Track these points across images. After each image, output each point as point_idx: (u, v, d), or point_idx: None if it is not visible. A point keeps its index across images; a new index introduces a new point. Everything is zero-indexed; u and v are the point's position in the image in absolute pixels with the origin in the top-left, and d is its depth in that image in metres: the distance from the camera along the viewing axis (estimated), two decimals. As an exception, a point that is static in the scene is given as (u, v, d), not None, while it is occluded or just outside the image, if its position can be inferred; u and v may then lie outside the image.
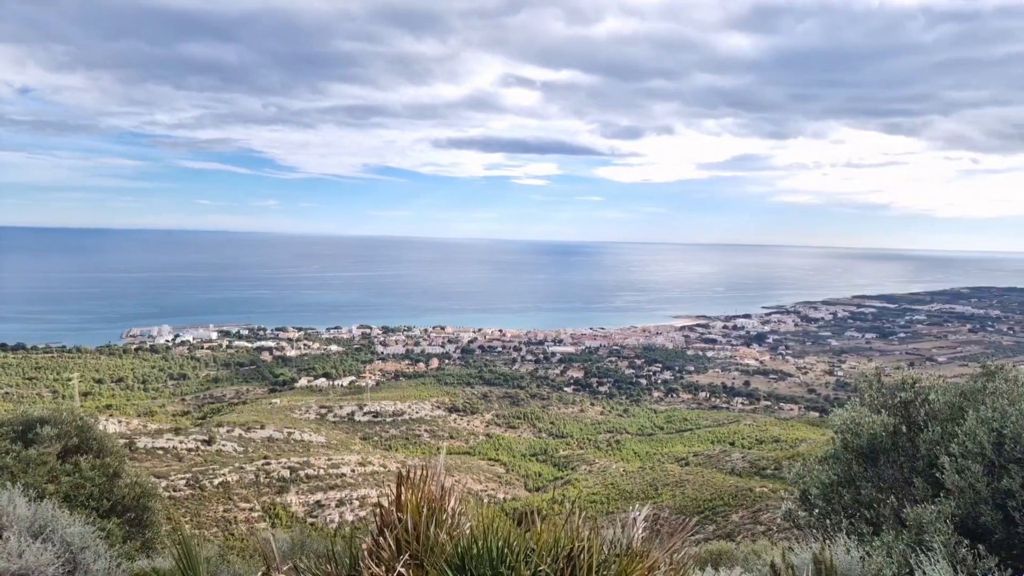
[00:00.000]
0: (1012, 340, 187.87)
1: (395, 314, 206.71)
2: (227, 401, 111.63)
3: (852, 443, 6.71)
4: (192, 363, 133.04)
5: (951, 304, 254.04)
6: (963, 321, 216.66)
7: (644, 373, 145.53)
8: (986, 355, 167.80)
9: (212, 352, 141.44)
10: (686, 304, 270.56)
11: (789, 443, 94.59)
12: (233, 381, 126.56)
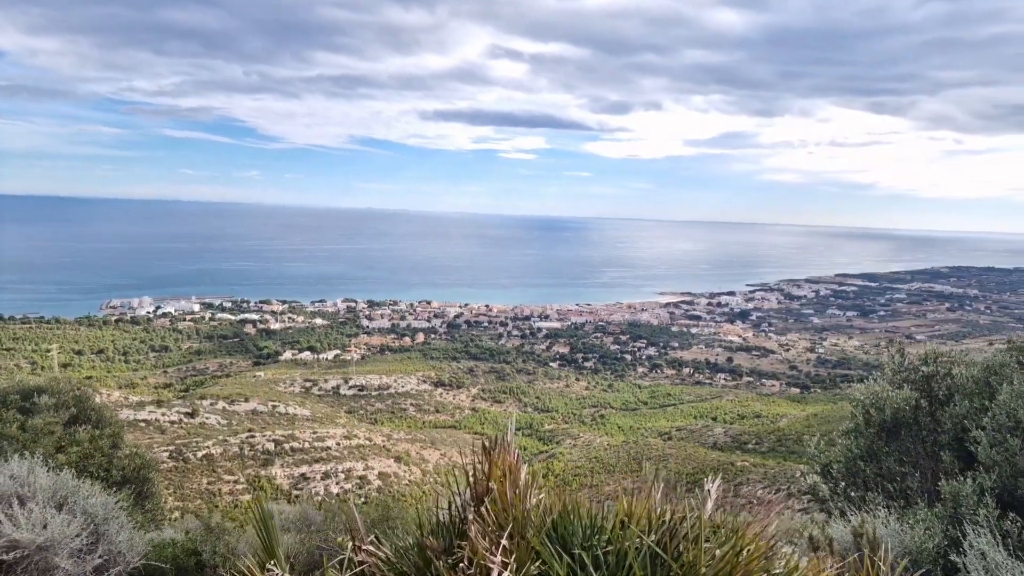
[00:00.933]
0: (989, 319, 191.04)
1: (381, 288, 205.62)
2: (210, 374, 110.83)
3: (875, 417, 6.51)
4: (174, 335, 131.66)
5: (930, 283, 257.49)
6: (942, 300, 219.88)
7: (629, 349, 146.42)
8: (963, 333, 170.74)
9: (195, 324, 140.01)
10: (672, 281, 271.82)
11: (770, 418, 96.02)
12: (216, 354, 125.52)
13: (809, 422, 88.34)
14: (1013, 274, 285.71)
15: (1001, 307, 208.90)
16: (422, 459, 71.96)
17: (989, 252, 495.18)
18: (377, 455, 68.15)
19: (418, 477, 67.09)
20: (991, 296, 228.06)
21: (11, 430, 8.11)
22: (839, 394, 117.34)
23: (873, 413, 6.66)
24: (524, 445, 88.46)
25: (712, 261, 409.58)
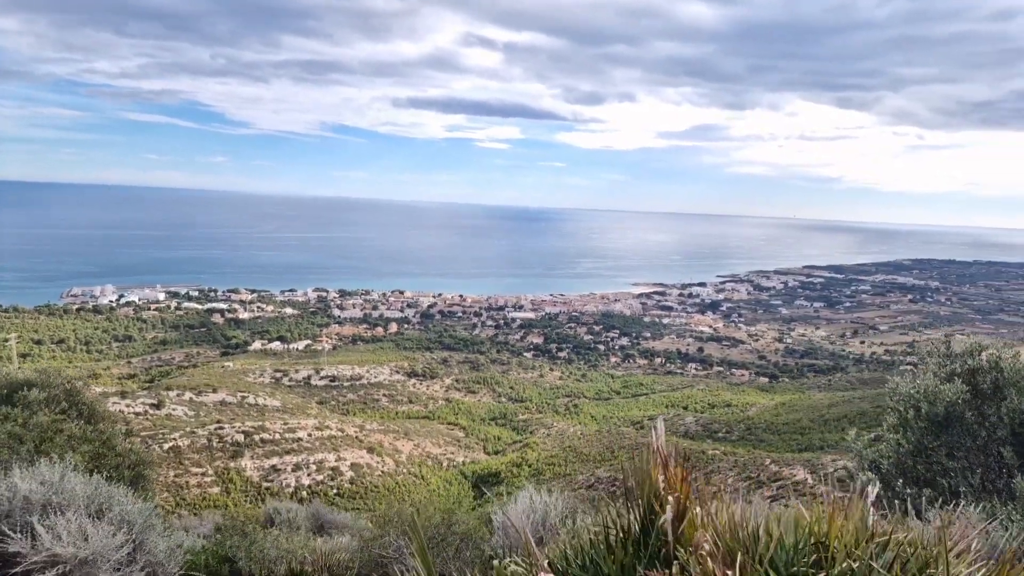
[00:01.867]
0: (949, 310, 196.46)
1: (353, 277, 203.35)
2: (176, 364, 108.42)
3: (928, 412, 6.30)
4: (138, 324, 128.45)
5: (894, 275, 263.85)
6: (905, 292, 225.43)
7: (602, 339, 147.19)
8: (925, 324, 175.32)
9: (160, 313, 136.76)
10: (644, 272, 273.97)
11: (740, 408, 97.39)
12: (183, 344, 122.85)
13: (778, 411, 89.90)
14: (972, 267, 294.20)
15: (961, 299, 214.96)
16: (395, 450, 71.38)
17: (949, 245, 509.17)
18: (349, 446, 67.39)
19: (391, 468, 66.55)
20: (951, 288, 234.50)
21: (14, 428, 7.50)
22: (806, 383, 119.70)
23: (924, 407, 6.46)
24: (498, 435, 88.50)
25: (684, 252, 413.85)
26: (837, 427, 76.17)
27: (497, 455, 79.62)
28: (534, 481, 66.77)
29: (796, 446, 69.30)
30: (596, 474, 62.15)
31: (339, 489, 60.31)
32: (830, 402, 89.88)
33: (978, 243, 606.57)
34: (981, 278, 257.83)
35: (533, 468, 69.43)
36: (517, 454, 75.60)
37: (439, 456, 75.32)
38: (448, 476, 70.18)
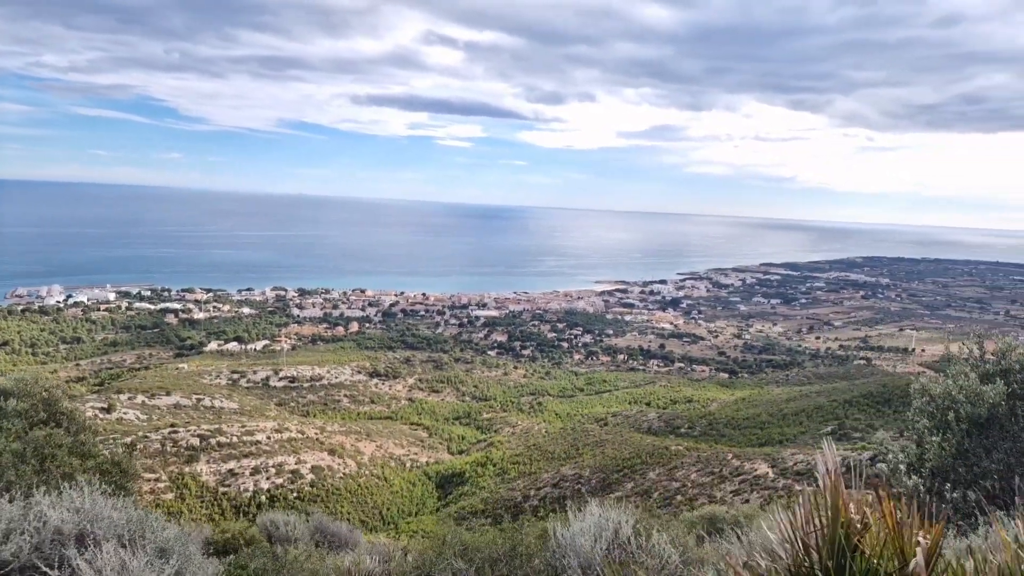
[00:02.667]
0: (899, 306, 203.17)
1: (312, 276, 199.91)
2: (128, 367, 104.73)
3: (969, 413, 6.04)
4: (87, 326, 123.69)
5: (847, 272, 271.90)
6: (857, 288, 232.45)
7: (566, 336, 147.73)
8: (876, 320, 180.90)
9: (110, 314, 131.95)
10: (606, 270, 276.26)
11: (701, 403, 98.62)
12: (134, 345, 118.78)
13: (738, 406, 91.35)
14: (920, 264, 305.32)
15: (910, 295, 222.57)
16: (357, 451, 70.15)
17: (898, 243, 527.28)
18: (310, 448, 65.95)
19: (353, 470, 65.37)
20: (901, 284, 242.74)
21: (13, 445, 6.69)
22: (764, 378, 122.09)
23: (963, 409, 6.20)
24: (462, 435, 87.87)
25: (645, 251, 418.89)
26: (795, 421, 77.85)
27: (461, 455, 79.02)
28: (499, 480, 66.42)
29: (756, 440, 70.45)
30: (562, 472, 62.10)
31: (299, 492, 58.93)
32: (788, 397, 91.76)
33: (925, 241, 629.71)
34: (929, 275, 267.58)
35: (498, 467, 69.07)
36: (481, 453, 75.12)
37: (402, 457, 74.33)
38: (411, 477, 69.30)
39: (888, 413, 76.82)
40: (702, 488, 51.74)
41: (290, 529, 7.93)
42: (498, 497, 59.75)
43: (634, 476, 58.20)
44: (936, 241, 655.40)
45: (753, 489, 46.42)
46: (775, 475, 47.54)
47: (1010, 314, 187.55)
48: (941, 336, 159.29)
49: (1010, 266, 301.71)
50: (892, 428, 70.93)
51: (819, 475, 2.61)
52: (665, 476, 56.21)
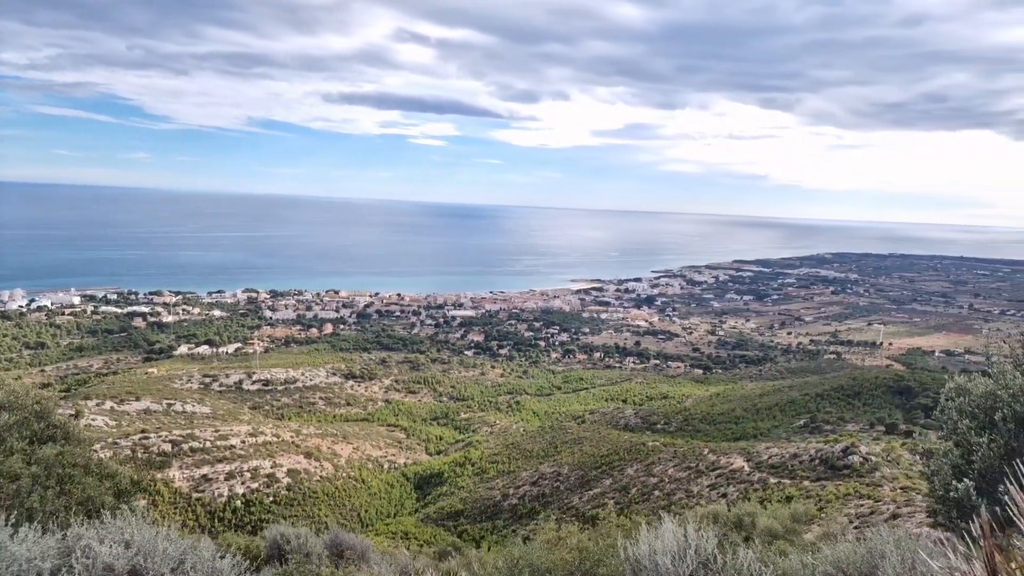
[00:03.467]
0: (867, 301, 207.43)
1: (284, 277, 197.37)
2: (95, 372, 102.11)
3: (1018, 412, 5.97)
4: (52, 330, 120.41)
5: (817, 268, 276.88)
6: (827, 284, 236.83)
7: (543, 335, 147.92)
8: (846, 315, 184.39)
9: (75, 318, 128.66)
10: (582, 268, 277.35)
11: (676, 399, 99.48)
12: (101, 350, 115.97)
13: (712, 402, 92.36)
14: (887, 259, 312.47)
15: (878, 290, 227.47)
16: (334, 454, 69.32)
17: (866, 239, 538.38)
18: (285, 452, 64.96)
19: (330, 473, 64.59)
20: (869, 280, 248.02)
21: (28, 469, 6.04)
22: (738, 374, 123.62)
23: (1006, 409, 6.13)
24: (440, 435, 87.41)
25: (620, 249, 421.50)
26: (769, 415, 78.90)
27: (439, 455, 78.61)
28: (477, 479, 66.17)
29: (731, 435, 71.25)
30: (540, 470, 62.11)
31: (275, 496, 58.02)
32: (761, 392, 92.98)
33: (891, 237, 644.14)
34: (896, 270, 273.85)
35: (476, 467, 68.82)
36: (460, 453, 74.79)
37: (379, 459, 73.64)
38: (389, 478, 68.71)
39: (858, 406, 78.38)
40: (679, 483, 52.11)
41: (302, 543, 7.46)
42: (477, 497, 59.53)
43: (612, 472, 58.45)
44: (902, 237, 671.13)
45: (730, 483, 46.84)
46: (751, 469, 48.04)
47: (973, 307, 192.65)
48: (908, 330, 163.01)
49: (973, 261, 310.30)
50: (862, 420, 72.30)
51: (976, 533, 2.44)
52: (643, 472, 56.51)
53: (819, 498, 36.15)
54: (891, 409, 73.12)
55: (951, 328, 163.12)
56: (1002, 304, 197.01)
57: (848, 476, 41.28)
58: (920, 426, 63.07)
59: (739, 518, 7.34)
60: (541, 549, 5.99)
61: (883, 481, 39.53)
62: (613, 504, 51.81)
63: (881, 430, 63.28)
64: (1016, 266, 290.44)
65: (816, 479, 42.80)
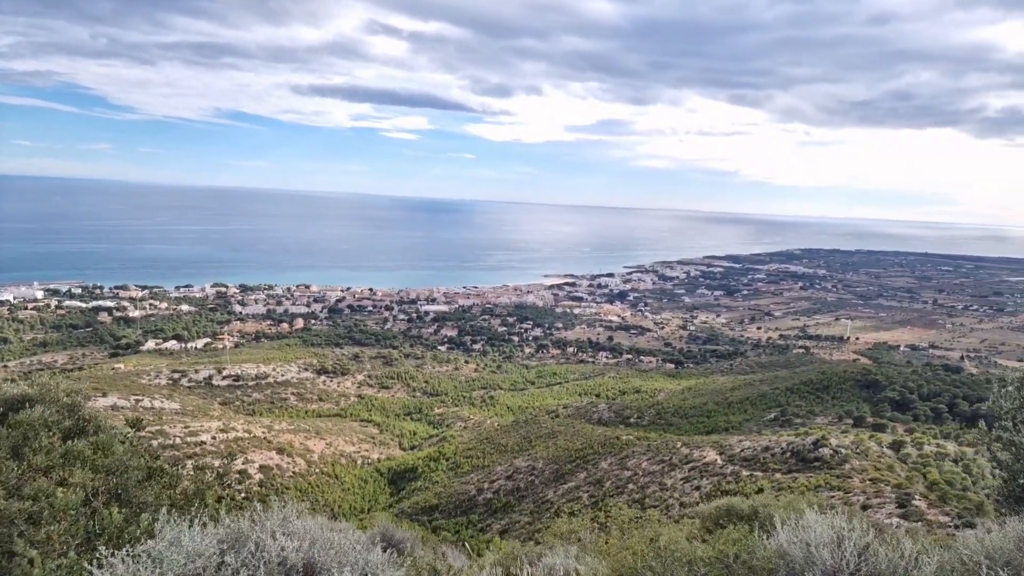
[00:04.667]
0: (835, 296, 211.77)
1: (253, 272, 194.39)
2: (60, 367, 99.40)
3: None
4: (14, 325, 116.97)
5: (786, 264, 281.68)
6: (796, 280, 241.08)
7: (516, 330, 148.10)
8: (814, 310, 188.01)
9: (38, 313, 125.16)
10: (555, 263, 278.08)
11: (649, 393, 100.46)
12: (66, 345, 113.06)
13: (684, 396, 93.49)
14: (855, 255, 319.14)
15: (845, 285, 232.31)
16: (307, 450, 68.63)
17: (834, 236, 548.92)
18: (257, 448, 64.15)
19: (303, 468, 63.94)
20: (837, 275, 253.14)
21: (76, 470, 5.42)
22: (709, 368, 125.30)
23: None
24: (414, 430, 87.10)
25: (592, 244, 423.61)
26: (740, 409, 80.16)
27: (413, 450, 78.34)
28: (452, 474, 66.10)
29: (703, 428, 72.19)
30: (515, 464, 62.24)
31: (247, 493, 57.25)
32: (732, 385, 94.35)
33: (859, 233, 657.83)
34: (863, 266, 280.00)
35: (451, 461, 68.75)
36: (434, 448, 74.64)
37: (353, 454, 73.11)
38: (363, 474, 68.26)
39: (827, 399, 79.96)
40: (653, 476, 52.65)
41: (354, 539, 7.06)
42: (452, 491, 59.47)
43: (587, 466, 58.82)
44: (869, 233, 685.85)
45: (703, 476, 47.47)
46: (723, 462, 48.75)
47: (938, 303, 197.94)
48: (874, 324, 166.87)
49: (937, 257, 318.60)
50: (830, 413, 73.67)
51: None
52: (617, 465, 56.96)
53: (791, 490, 36.86)
54: (859, 402, 74.73)
55: (916, 323, 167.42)
56: (965, 299, 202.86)
57: (819, 468, 42.18)
58: (887, 419, 64.63)
59: (754, 509, 7.31)
60: (686, 540, 5.72)
61: (852, 473, 40.51)
62: (587, 497, 52.22)
63: (849, 423, 64.75)
64: (979, 262, 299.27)
65: (787, 471, 43.65)
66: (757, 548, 4.95)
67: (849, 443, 45.70)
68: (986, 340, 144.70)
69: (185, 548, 3.62)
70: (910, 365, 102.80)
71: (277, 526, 4.07)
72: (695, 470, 49.98)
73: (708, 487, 42.75)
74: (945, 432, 61.13)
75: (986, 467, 44.50)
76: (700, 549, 5.28)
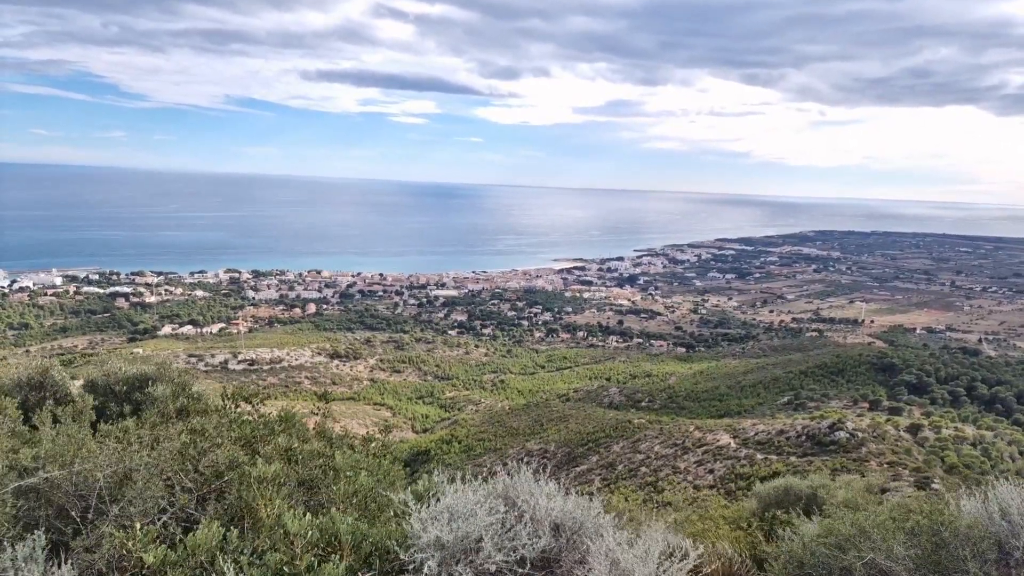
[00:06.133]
0: (850, 279, 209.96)
1: (266, 257, 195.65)
2: (79, 352, 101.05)
3: None
4: (35, 311, 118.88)
5: (799, 246, 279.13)
6: (809, 262, 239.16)
7: (526, 315, 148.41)
8: (828, 292, 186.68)
9: (58, 299, 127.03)
10: (564, 247, 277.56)
11: (660, 377, 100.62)
12: (85, 330, 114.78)
13: (696, 379, 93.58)
14: (870, 237, 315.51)
15: (860, 267, 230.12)
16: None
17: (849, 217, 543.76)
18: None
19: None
20: (851, 258, 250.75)
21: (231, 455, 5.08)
22: (720, 352, 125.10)
23: None
24: (426, 413, 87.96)
25: (602, 228, 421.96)
26: (753, 393, 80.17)
27: (426, 433, 79.15)
28: (464, 457, 66.76)
29: (716, 412, 72.34)
30: (527, 447, 62.77)
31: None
32: (745, 369, 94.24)
33: (874, 215, 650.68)
34: (878, 248, 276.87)
35: (463, 444, 69.41)
36: (446, 431, 75.36)
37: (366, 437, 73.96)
38: (377, 457, 69.04)
39: (841, 383, 79.75)
40: (666, 459, 52.92)
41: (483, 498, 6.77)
42: (465, 474, 60.10)
43: (598, 450, 59.20)
44: (885, 214, 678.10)
45: (716, 459, 47.64)
46: (737, 445, 48.89)
47: (955, 284, 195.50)
48: (890, 307, 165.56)
49: (955, 238, 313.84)
50: (845, 397, 73.63)
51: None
52: (629, 449, 57.28)
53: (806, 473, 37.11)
54: (874, 386, 74.51)
55: (932, 305, 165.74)
56: (984, 281, 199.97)
57: (835, 452, 42.19)
58: (904, 402, 64.44)
59: (813, 490, 7.46)
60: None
61: (870, 456, 40.51)
62: (600, 480, 52.66)
63: (865, 407, 64.58)
64: (998, 243, 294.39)
65: (803, 455, 43.70)
66: (953, 520, 4.88)
67: (866, 426, 45.56)
68: (1005, 323, 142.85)
69: (481, 506, 3.87)
70: (927, 348, 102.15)
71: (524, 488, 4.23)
72: (708, 453, 50.14)
73: (722, 470, 42.99)
74: (964, 416, 60.96)
75: (1006, 450, 44.46)
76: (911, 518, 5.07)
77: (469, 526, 3.71)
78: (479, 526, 3.71)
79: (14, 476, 4.22)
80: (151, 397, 6.66)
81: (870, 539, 5.00)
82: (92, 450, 4.43)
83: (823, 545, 5.24)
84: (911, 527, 4.92)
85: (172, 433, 5.21)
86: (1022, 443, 51.52)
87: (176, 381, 7.23)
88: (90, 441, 4.63)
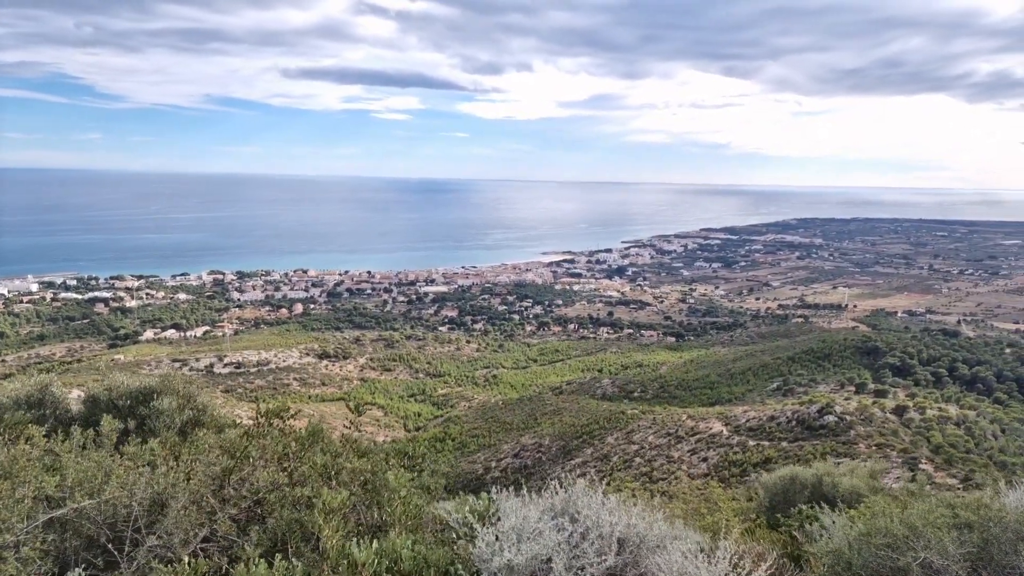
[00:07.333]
0: (832, 265, 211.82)
1: (250, 258, 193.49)
2: (58, 360, 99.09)
3: None
4: (10, 319, 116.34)
5: (782, 234, 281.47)
6: (792, 249, 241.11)
7: (516, 309, 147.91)
8: (811, 279, 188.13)
9: (34, 306, 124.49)
10: (553, 240, 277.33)
11: (651, 367, 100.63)
12: (63, 337, 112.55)
13: (687, 368, 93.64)
14: (850, 223, 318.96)
15: (842, 254, 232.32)
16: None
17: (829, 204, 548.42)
18: (262, 434, 63.96)
19: (309, 453, 63.85)
20: (833, 244, 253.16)
21: None
22: (710, 340, 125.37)
23: None
24: (418, 411, 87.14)
25: (589, 220, 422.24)
26: (743, 380, 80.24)
27: (419, 431, 78.42)
28: (458, 454, 66.15)
29: (707, 400, 72.31)
30: (521, 442, 62.29)
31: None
32: (734, 357, 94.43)
33: (854, 201, 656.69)
34: (858, 234, 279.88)
35: (457, 442, 68.80)
36: (439, 429, 74.71)
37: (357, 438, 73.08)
38: (369, 457, 68.24)
39: (828, 367, 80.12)
40: (660, 449, 52.65)
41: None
42: (459, 471, 59.50)
43: (593, 442, 58.85)
44: (864, 201, 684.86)
45: (710, 447, 47.46)
46: (729, 432, 48.74)
47: (933, 268, 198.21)
48: (871, 292, 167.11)
49: (932, 223, 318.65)
50: (832, 381, 73.87)
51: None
52: (623, 440, 56.98)
53: (797, 458, 36.90)
54: (860, 369, 74.87)
55: (912, 289, 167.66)
56: (960, 264, 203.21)
57: (824, 436, 42.22)
58: (888, 384, 64.77)
59: (818, 479, 7.01)
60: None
61: (858, 439, 40.56)
62: (595, 472, 52.31)
63: (851, 390, 64.81)
64: (973, 227, 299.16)
65: (794, 440, 43.67)
66: (1002, 515, 4.72)
67: (853, 410, 45.71)
68: (982, 304, 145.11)
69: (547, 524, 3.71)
70: (909, 331, 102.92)
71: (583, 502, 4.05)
72: (701, 441, 49.96)
73: (715, 458, 42.77)
74: (947, 396, 61.56)
75: (988, 428, 44.86)
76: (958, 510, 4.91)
77: (538, 546, 3.49)
78: (547, 546, 3.50)
79: (41, 507, 3.85)
80: (157, 411, 6.26)
81: (924, 538, 4.75)
82: (121, 476, 4.05)
83: (871, 545, 4.97)
84: (961, 523, 4.79)
85: (208, 455, 4.66)
86: (1003, 421, 52.20)
87: (181, 393, 6.66)
88: (118, 466, 4.24)
